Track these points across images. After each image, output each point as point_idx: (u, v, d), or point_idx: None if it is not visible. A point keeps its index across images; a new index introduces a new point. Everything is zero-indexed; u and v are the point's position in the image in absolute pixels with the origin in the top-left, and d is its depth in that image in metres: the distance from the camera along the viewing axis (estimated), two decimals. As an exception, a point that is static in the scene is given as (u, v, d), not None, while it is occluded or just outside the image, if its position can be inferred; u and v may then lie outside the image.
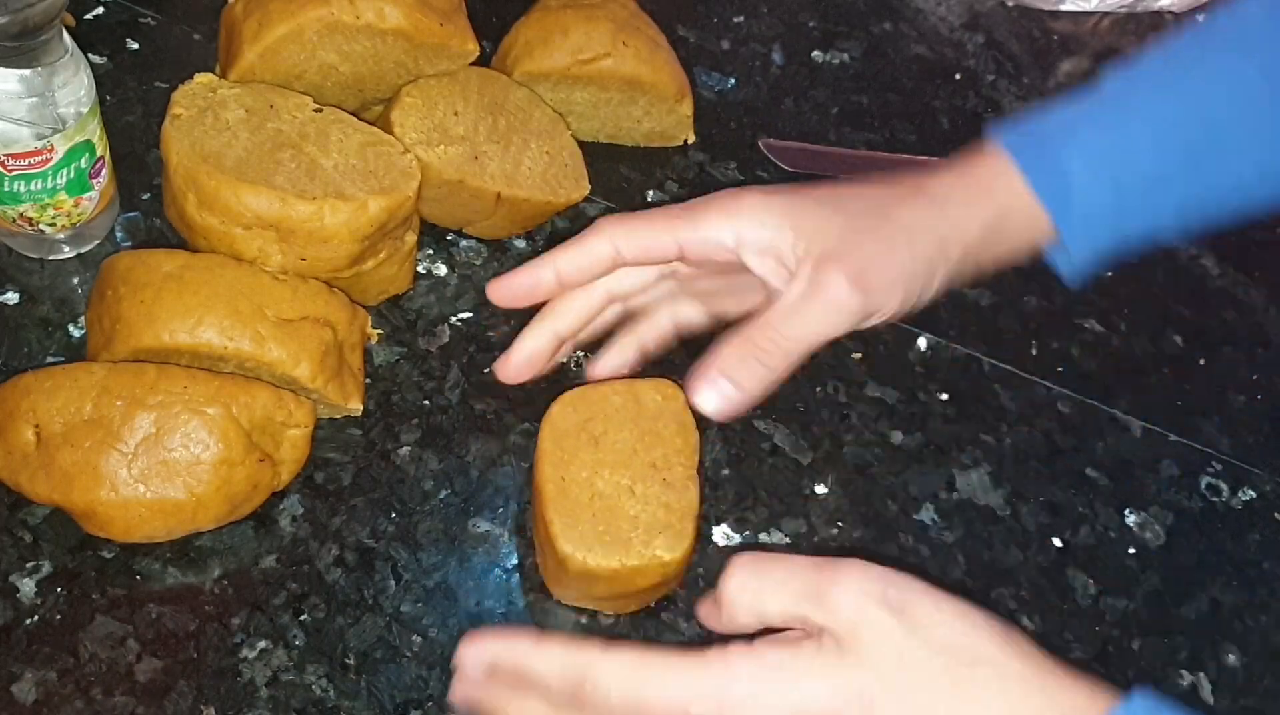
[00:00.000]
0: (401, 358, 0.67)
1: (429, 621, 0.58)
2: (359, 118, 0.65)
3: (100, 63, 0.77)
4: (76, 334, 0.65)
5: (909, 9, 0.94)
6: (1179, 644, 0.64)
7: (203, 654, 0.56)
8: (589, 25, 0.74)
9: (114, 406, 0.55)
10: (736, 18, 0.90)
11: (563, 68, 0.74)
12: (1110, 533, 0.67)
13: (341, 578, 0.59)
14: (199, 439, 0.56)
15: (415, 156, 0.64)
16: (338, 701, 0.55)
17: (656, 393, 0.60)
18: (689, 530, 0.56)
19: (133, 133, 0.73)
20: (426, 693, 0.56)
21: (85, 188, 0.64)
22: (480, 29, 0.71)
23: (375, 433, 0.64)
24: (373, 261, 0.64)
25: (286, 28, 0.65)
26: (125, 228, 0.70)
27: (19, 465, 0.56)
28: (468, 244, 0.73)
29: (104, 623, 0.56)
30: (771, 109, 0.85)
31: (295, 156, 0.62)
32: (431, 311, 0.70)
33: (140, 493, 0.55)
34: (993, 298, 0.77)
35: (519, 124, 0.70)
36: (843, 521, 0.65)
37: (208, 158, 0.60)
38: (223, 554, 0.59)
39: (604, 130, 0.79)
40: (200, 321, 0.57)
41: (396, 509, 0.62)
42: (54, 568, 0.57)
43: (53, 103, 0.60)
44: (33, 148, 0.60)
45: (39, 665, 0.54)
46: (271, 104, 0.63)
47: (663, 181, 0.79)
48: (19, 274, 0.67)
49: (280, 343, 0.58)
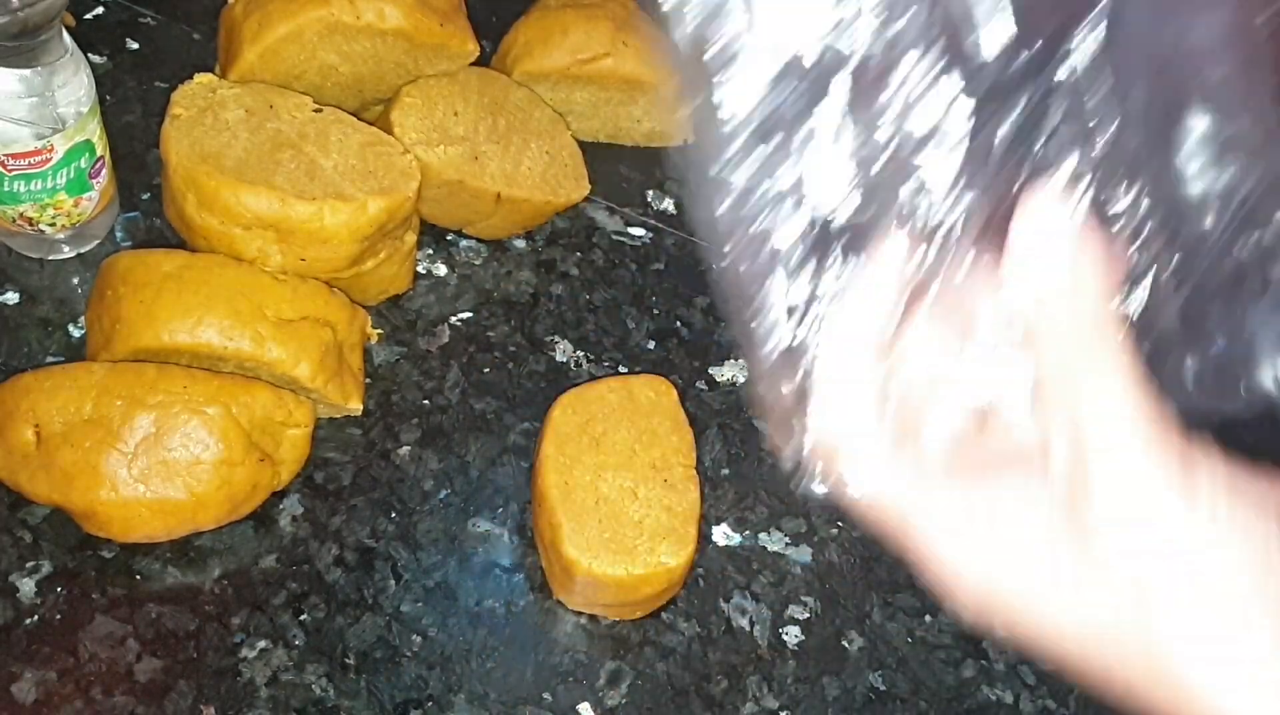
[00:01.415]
0: (401, 357, 0.67)
1: (429, 621, 0.58)
2: (359, 118, 0.65)
3: (100, 62, 0.77)
4: (76, 334, 0.65)
5: (909, 8, 0.94)
6: (1179, 644, 0.64)
7: (202, 654, 0.56)
8: (589, 25, 0.74)
9: (114, 406, 0.55)
10: (736, 17, 0.90)
11: (562, 67, 0.74)
12: (1110, 532, 0.67)
13: (341, 577, 0.59)
14: (199, 439, 0.56)
15: (415, 156, 0.64)
16: (337, 701, 0.55)
17: (650, 390, 0.60)
18: (691, 534, 0.57)
19: (132, 132, 0.73)
20: (426, 692, 0.56)
21: (85, 187, 0.64)
22: (480, 29, 0.71)
23: (375, 433, 0.64)
24: (372, 261, 0.64)
25: (287, 28, 0.65)
26: (125, 227, 0.70)
27: (19, 465, 0.56)
28: (468, 244, 0.73)
29: (104, 622, 0.56)
30: (771, 109, 0.85)
31: (295, 157, 0.62)
32: (431, 311, 0.70)
33: (140, 493, 0.55)
34: (992, 297, 0.77)
35: (519, 124, 0.70)
36: (842, 521, 0.65)
37: (207, 158, 0.60)
38: (223, 554, 0.59)
39: (604, 130, 0.79)
40: (200, 321, 0.57)
41: (396, 509, 0.62)
42: (54, 567, 0.57)
43: (52, 102, 0.60)
44: (32, 147, 0.60)
45: (39, 665, 0.54)
46: (271, 104, 0.63)
47: (662, 181, 0.79)
48: (19, 274, 0.67)
49: (280, 343, 0.58)
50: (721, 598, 0.61)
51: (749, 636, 0.61)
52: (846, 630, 0.62)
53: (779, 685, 0.59)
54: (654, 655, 0.59)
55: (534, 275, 0.72)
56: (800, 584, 0.63)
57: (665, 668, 0.59)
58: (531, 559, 0.61)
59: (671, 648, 0.60)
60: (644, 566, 0.55)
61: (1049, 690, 0.61)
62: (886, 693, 0.60)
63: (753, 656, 0.60)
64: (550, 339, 0.70)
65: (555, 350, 0.69)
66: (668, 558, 0.56)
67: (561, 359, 0.69)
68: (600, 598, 0.57)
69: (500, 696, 0.57)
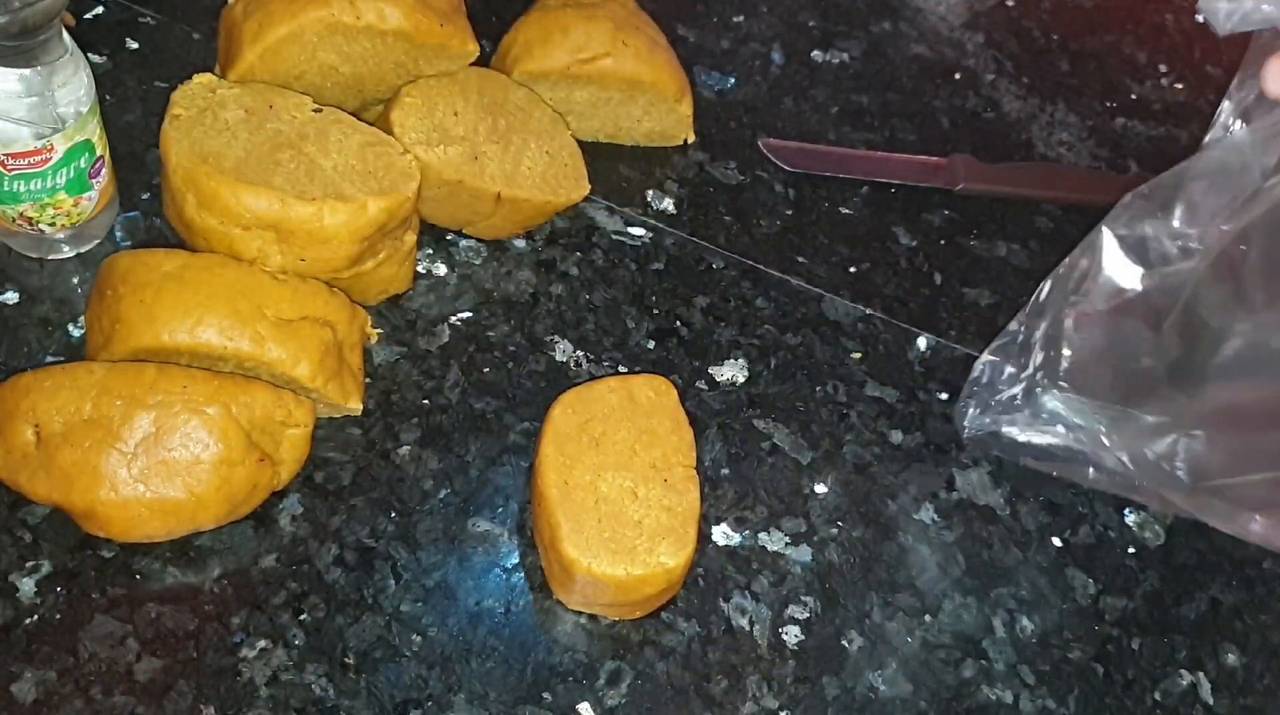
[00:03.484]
0: (401, 357, 0.67)
1: (429, 621, 0.58)
2: (359, 118, 0.65)
3: (100, 62, 0.77)
4: (76, 333, 0.65)
5: (909, 8, 0.94)
6: (1178, 643, 0.64)
7: (202, 653, 0.56)
8: (589, 25, 0.74)
9: (114, 406, 0.55)
10: (736, 17, 0.90)
11: (562, 67, 0.74)
12: (1110, 532, 0.67)
13: (341, 577, 0.59)
14: (198, 439, 0.56)
15: (415, 156, 0.64)
16: (337, 701, 0.55)
17: (650, 389, 0.60)
18: (691, 534, 0.57)
19: (132, 132, 0.73)
20: (426, 692, 0.56)
21: (85, 187, 0.64)
22: (480, 29, 0.71)
23: (375, 432, 0.64)
24: (372, 261, 0.64)
25: (287, 28, 0.65)
26: (125, 227, 0.70)
27: (19, 465, 0.56)
28: (467, 244, 0.73)
29: (103, 622, 0.56)
30: (771, 108, 0.85)
31: (295, 157, 0.62)
32: (431, 311, 0.70)
33: (140, 492, 0.55)
34: (992, 297, 0.77)
35: (519, 124, 0.70)
36: (842, 521, 0.65)
37: (207, 158, 0.60)
38: (222, 554, 0.59)
39: (604, 130, 0.79)
40: (200, 321, 0.57)
41: (396, 508, 0.62)
42: (54, 567, 0.57)
43: (52, 102, 0.60)
44: (32, 147, 0.60)
45: (38, 665, 0.54)
46: (271, 104, 0.63)
47: (662, 181, 0.79)
48: (18, 273, 0.67)
49: (280, 342, 0.58)
50: (721, 598, 0.61)
51: (749, 636, 0.61)
52: (846, 630, 0.62)
53: (779, 685, 0.59)
54: (654, 655, 0.59)
55: (534, 275, 0.72)
56: (800, 584, 0.63)
57: (665, 667, 0.59)
58: (531, 559, 0.61)
59: (671, 648, 0.60)
60: (643, 567, 0.55)
61: (1049, 690, 0.61)
62: (886, 693, 0.60)
63: (752, 656, 0.60)
64: (550, 339, 0.70)
65: (555, 350, 0.69)
66: (667, 558, 0.56)
67: (561, 359, 0.69)
68: (599, 597, 0.58)
69: (500, 696, 0.57)
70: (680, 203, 0.78)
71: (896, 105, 0.87)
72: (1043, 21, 0.95)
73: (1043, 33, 0.95)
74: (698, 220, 0.77)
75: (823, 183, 0.81)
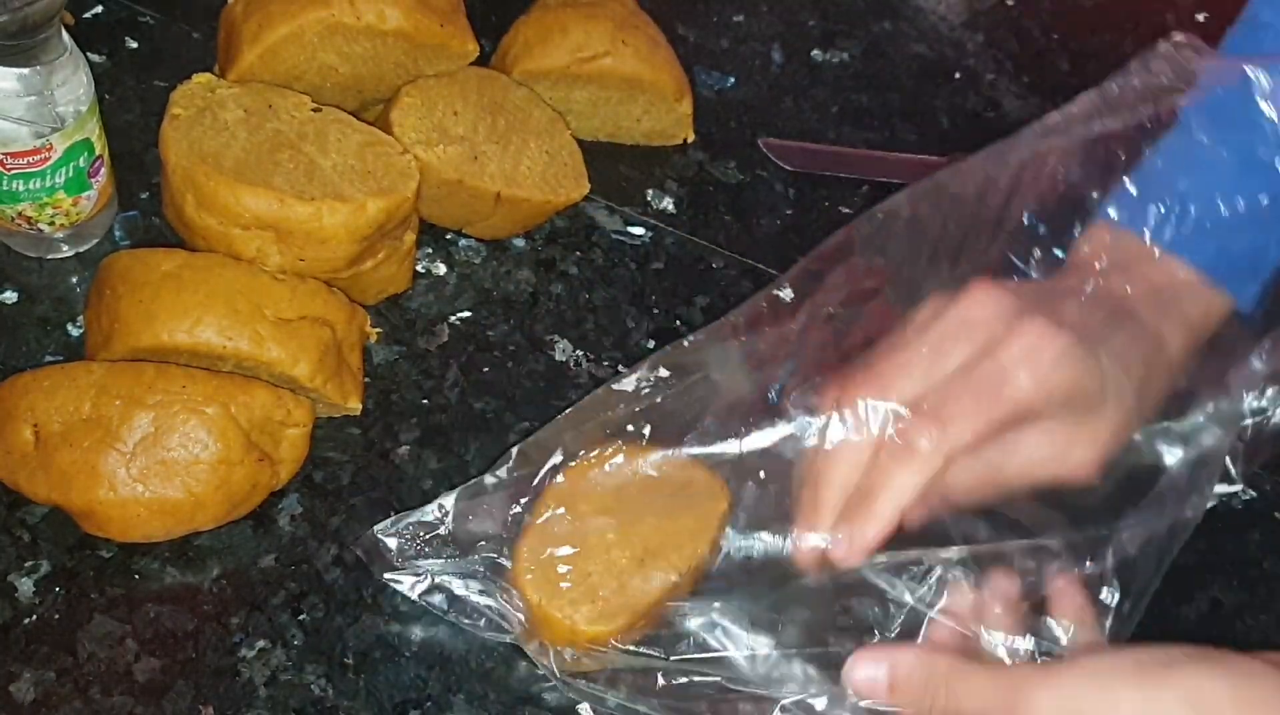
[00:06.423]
0: (400, 357, 0.67)
1: (428, 621, 0.58)
2: (358, 118, 0.65)
3: (99, 61, 0.77)
4: (75, 333, 0.65)
5: (909, 8, 0.94)
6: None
7: (201, 653, 0.56)
8: (588, 24, 0.74)
9: (112, 406, 0.55)
10: (736, 16, 0.90)
11: (562, 66, 0.74)
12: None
13: (340, 577, 0.59)
14: (197, 438, 0.56)
15: (414, 156, 0.64)
16: (336, 701, 0.55)
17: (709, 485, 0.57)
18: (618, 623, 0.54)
19: (131, 132, 0.73)
20: (425, 692, 0.56)
21: (84, 186, 0.64)
22: (480, 29, 0.71)
23: (374, 432, 0.64)
24: (371, 261, 0.64)
25: (287, 29, 0.65)
26: (124, 226, 0.70)
27: (17, 465, 0.56)
28: (467, 243, 0.73)
29: (102, 622, 0.56)
30: (771, 108, 0.85)
31: (294, 157, 0.62)
32: (430, 311, 0.70)
33: (139, 492, 0.55)
34: (992, 297, 0.77)
35: (518, 123, 0.70)
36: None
37: (206, 158, 0.60)
38: (221, 553, 0.59)
39: (603, 129, 0.79)
40: (199, 321, 0.57)
41: (396, 508, 0.62)
42: (52, 567, 0.57)
43: (51, 101, 0.60)
44: (31, 146, 0.60)
45: (37, 665, 0.54)
46: (270, 104, 0.63)
47: (662, 180, 0.79)
48: (17, 273, 0.67)
49: (279, 342, 0.58)
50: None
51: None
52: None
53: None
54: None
55: (533, 274, 0.72)
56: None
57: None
58: (531, 559, 0.61)
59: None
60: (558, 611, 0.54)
61: (1049, 690, 0.61)
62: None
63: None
64: (550, 338, 0.70)
65: (554, 349, 0.69)
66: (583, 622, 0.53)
67: (561, 358, 0.69)
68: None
69: (500, 696, 0.57)
70: (680, 202, 0.78)
71: (896, 105, 0.87)
72: (1043, 21, 0.95)
73: (1043, 33, 0.95)
74: (697, 219, 0.77)
75: (823, 182, 0.81)
